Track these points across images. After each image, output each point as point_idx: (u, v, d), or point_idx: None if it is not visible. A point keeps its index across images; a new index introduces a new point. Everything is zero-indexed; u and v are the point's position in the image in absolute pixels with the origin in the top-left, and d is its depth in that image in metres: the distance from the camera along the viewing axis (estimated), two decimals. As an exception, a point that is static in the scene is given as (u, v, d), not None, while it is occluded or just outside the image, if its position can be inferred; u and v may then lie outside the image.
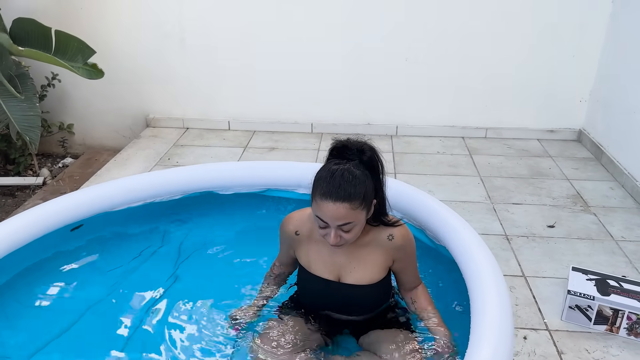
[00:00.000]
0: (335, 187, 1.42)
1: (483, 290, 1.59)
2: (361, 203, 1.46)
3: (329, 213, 1.44)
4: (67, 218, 2.08)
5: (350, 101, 3.97)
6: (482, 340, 1.40)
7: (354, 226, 1.48)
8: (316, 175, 1.51)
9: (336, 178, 1.43)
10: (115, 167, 3.49)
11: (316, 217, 1.48)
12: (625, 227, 2.76)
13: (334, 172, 1.45)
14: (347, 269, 1.64)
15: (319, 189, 1.46)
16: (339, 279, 1.65)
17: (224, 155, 3.68)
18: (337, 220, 1.45)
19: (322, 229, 1.50)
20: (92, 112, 4.13)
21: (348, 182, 1.43)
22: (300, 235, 1.69)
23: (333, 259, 1.64)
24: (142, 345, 1.80)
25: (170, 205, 2.34)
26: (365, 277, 1.63)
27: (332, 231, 1.47)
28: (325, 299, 1.70)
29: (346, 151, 1.52)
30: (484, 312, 1.50)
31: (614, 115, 3.44)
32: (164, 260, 2.24)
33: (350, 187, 1.43)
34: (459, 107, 3.92)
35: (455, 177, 3.34)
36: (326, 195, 1.43)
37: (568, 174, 3.38)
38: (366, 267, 1.63)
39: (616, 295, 2.04)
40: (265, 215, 2.49)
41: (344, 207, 1.43)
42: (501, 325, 1.46)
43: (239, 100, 4.06)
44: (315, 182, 1.49)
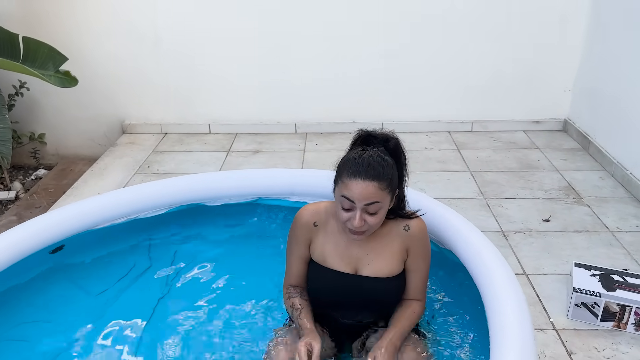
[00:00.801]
0: (365, 165, 1.43)
1: (498, 293, 1.53)
2: (388, 185, 1.46)
3: (357, 191, 1.42)
4: (45, 239, 1.94)
5: (333, 99, 3.88)
6: (506, 343, 1.35)
7: (379, 208, 1.46)
8: (341, 160, 1.51)
9: (365, 158, 1.45)
10: (92, 177, 3.34)
11: (342, 197, 1.45)
12: (619, 218, 2.74)
13: (362, 153, 1.46)
14: (364, 261, 1.60)
15: (347, 169, 1.45)
16: (356, 272, 1.61)
17: (206, 160, 3.55)
18: (365, 199, 1.43)
19: (346, 211, 1.47)
20: (65, 120, 3.95)
21: (377, 162, 1.44)
22: (318, 226, 1.63)
23: (350, 252, 1.60)
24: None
25: (157, 220, 2.22)
26: (383, 269, 1.59)
27: (357, 213, 1.44)
28: (342, 294, 1.61)
29: (371, 139, 1.54)
30: (502, 315, 1.45)
31: (600, 104, 3.43)
32: (153, 278, 2.13)
33: (380, 167, 1.44)
34: (443, 101, 3.87)
35: (445, 173, 3.29)
36: (355, 174, 1.43)
37: (557, 165, 3.36)
38: (384, 259, 1.59)
39: (622, 291, 2.00)
40: (256, 223, 2.40)
41: (373, 185, 1.42)
42: (522, 327, 1.40)
43: (219, 102, 3.94)
44: (341, 165, 1.49)
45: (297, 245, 1.67)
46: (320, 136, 3.88)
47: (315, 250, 1.64)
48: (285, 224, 2.35)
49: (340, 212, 1.48)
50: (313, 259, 1.66)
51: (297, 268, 1.69)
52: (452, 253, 1.89)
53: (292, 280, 1.71)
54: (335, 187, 1.50)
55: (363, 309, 1.64)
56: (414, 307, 1.63)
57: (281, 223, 2.36)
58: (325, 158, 3.52)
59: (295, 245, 1.67)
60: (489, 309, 1.53)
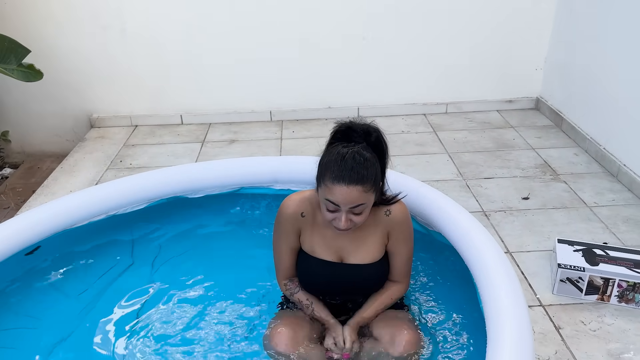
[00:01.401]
0: (348, 170, 1.40)
1: (490, 274, 1.53)
2: (372, 185, 1.44)
3: (341, 196, 1.41)
4: (19, 242, 1.85)
5: (308, 85, 3.82)
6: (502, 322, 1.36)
7: (364, 208, 1.46)
8: (322, 159, 1.47)
9: (347, 161, 1.41)
10: (62, 174, 3.22)
11: (326, 201, 1.44)
12: (596, 193, 2.79)
13: (344, 155, 1.42)
14: (349, 249, 1.62)
15: (330, 172, 1.42)
16: (341, 261, 1.63)
17: (181, 152, 3.47)
18: (350, 203, 1.42)
19: (331, 212, 1.46)
20: (29, 116, 3.79)
21: (360, 164, 1.41)
22: (305, 217, 1.62)
23: (335, 242, 1.62)
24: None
25: (137, 216, 2.14)
26: (367, 256, 1.62)
27: (342, 215, 1.44)
28: (330, 282, 1.65)
29: (351, 134, 1.48)
30: (496, 297, 1.45)
31: (571, 81, 3.48)
32: (136, 275, 2.06)
33: (363, 170, 1.41)
34: (418, 84, 3.87)
35: (424, 155, 3.29)
36: (339, 179, 1.40)
37: (532, 143, 3.40)
38: (367, 247, 1.61)
39: (605, 264, 2.04)
40: (240, 213, 2.35)
41: (357, 190, 1.41)
42: (517, 305, 1.41)
43: (190, 92, 3.84)
44: (323, 166, 1.46)
45: (286, 237, 1.64)
46: (296, 123, 3.83)
47: (305, 241, 1.65)
48: (270, 212, 2.32)
49: (325, 212, 1.47)
50: (303, 249, 1.66)
51: (289, 260, 1.68)
52: (440, 235, 1.88)
53: (285, 273, 1.70)
54: (318, 188, 1.48)
55: (349, 294, 1.69)
56: (392, 290, 1.67)
57: (265, 211, 2.32)
58: (303, 145, 3.48)
59: (284, 238, 1.65)
60: (482, 289, 1.54)
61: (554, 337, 1.89)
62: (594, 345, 1.84)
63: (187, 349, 1.72)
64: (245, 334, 1.77)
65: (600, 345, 1.84)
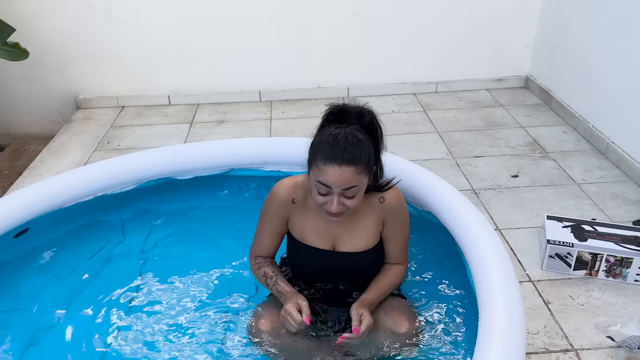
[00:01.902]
0: (340, 150, 1.36)
1: (481, 251, 1.54)
2: (365, 167, 1.40)
3: (333, 177, 1.37)
4: (7, 223, 1.83)
5: (298, 65, 3.78)
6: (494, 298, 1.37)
7: (357, 191, 1.42)
8: (314, 141, 1.43)
9: (340, 141, 1.37)
10: (49, 156, 3.17)
11: (318, 183, 1.40)
12: (584, 170, 2.82)
13: (336, 135, 1.38)
14: (342, 237, 1.58)
15: (321, 153, 1.38)
16: (334, 248, 1.59)
17: (169, 133, 3.43)
18: (343, 184, 1.38)
19: (322, 196, 1.42)
20: (13, 97, 3.72)
21: (353, 144, 1.37)
22: (296, 203, 1.58)
23: (327, 229, 1.57)
24: (118, 356, 1.63)
25: (125, 197, 2.13)
26: (360, 243, 1.58)
27: (334, 198, 1.40)
28: (321, 269, 1.62)
29: (344, 115, 1.45)
30: (488, 274, 1.46)
31: (561, 59, 3.48)
32: (126, 255, 2.06)
33: (356, 150, 1.37)
34: (408, 63, 3.85)
35: (414, 135, 3.29)
36: (331, 159, 1.36)
37: (521, 122, 3.41)
38: (361, 234, 1.57)
39: (593, 240, 2.07)
40: (229, 195, 2.34)
41: (350, 170, 1.37)
42: (507, 280, 1.43)
43: (177, 72, 3.78)
44: (314, 147, 1.41)
45: (272, 221, 1.61)
46: (285, 103, 3.80)
47: (295, 228, 1.61)
48: (260, 194, 2.32)
49: (317, 196, 1.43)
50: (293, 236, 1.63)
51: (269, 242, 1.65)
52: (430, 214, 1.89)
53: (260, 251, 1.66)
54: (309, 170, 1.44)
55: (343, 281, 1.66)
56: (394, 271, 1.63)
57: (255, 193, 2.31)
58: (293, 125, 3.46)
59: (269, 221, 1.62)
60: (473, 266, 1.55)
61: (542, 311, 1.91)
62: (582, 318, 1.87)
63: (178, 327, 1.72)
64: (232, 317, 1.76)
65: (588, 318, 1.87)
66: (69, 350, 1.66)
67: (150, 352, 1.64)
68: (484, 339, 1.28)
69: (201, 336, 1.69)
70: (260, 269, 1.63)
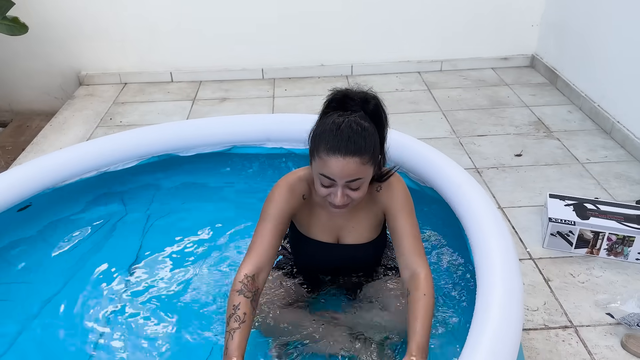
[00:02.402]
0: (344, 140, 1.28)
1: (481, 226, 1.53)
2: (370, 157, 1.32)
3: (337, 169, 1.29)
4: (11, 198, 1.83)
5: (301, 43, 3.75)
6: (492, 273, 1.37)
7: (362, 183, 1.34)
8: (316, 130, 1.35)
9: (344, 130, 1.28)
10: (52, 132, 3.17)
11: (321, 175, 1.32)
12: (588, 150, 2.80)
13: (339, 124, 1.30)
14: (346, 229, 1.53)
15: (324, 143, 1.30)
16: (338, 241, 1.56)
17: (171, 110, 3.42)
18: (347, 176, 1.30)
19: (325, 188, 1.34)
20: (16, 73, 3.71)
21: (357, 134, 1.29)
22: (306, 199, 1.49)
23: (332, 222, 1.52)
24: (120, 328, 1.65)
25: (127, 173, 2.12)
26: (363, 235, 1.54)
27: (338, 190, 1.32)
28: (324, 262, 1.61)
29: (348, 102, 1.35)
30: (487, 249, 1.46)
31: (568, 38, 3.43)
32: (128, 231, 2.06)
33: (361, 140, 1.29)
34: (412, 42, 3.80)
35: (418, 113, 3.27)
36: (334, 150, 1.28)
37: (526, 101, 3.38)
38: (363, 225, 1.53)
39: (595, 218, 2.06)
40: (231, 172, 2.33)
41: (354, 161, 1.29)
42: (507, 255, 1.43)
43: (180, 48, 3.76)
44: (316, 136, 1.33)
45: (278, 219, 1.44)
46: (288, 81, 3.77)
47: (301, 222, 1.54)
48: (261, 172, 2.31)
49: (320, 188, 1.35)
50: (298, 230, 1.56)
51: (272, 247, 1.43)
52: (432, 190, 1.89)
53: (258, 261, 1.40)
54: (312, 161, 1.36)
55: (344, 272, 1.66)
56: (421, 286, 1.37)
57: (257, 170, 2.31)
58: (296, 103, 3.44)
59: (276, 219, 1.43)
60: (473, 241, 1.55)
61: (543, 289, 1.92)
62: (582, 296, 1.88)
63: (177, 301, 1.73)
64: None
65: (588, 296, 1.88)
66: (71, 322, 1.67)
67: (149, 323, 1.66)
68: (481, 313, 1.28)
69: (197, 311, 1.70)
70: (239, 296, 1.33)
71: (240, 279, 1.36)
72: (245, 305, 1.33)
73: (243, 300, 1.33)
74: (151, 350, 1.57)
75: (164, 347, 1.59)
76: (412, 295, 1.37)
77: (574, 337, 1.72)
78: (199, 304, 1.73)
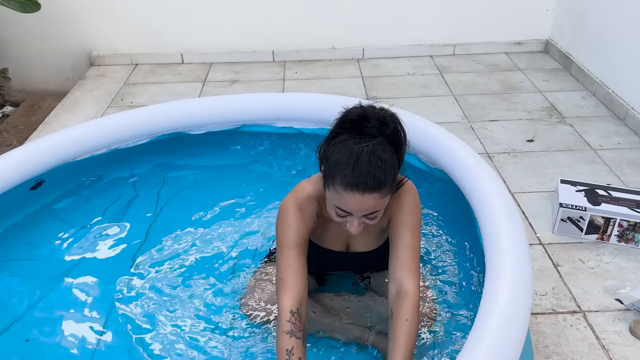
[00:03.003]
0: (364, 175, 1.18)
1: (493, 209, 1.52)
2: (390, 188, 1.25)
3: (354, 205, 1.23)
4: (24, 174, 1.85)
5: (312, 25, 3.72)
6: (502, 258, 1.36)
7: (379, 213, 1.29)
8: (331, 155, 1.23)
9: (362, 164, 1.18)
10: (64, 112, 3.19)
11: (336, 207, 1.26)
12: (601, 136, 2.77)
13: (357, 156, 1.19)
14: (355, 238, 1.52)
15: (340, 176, 1.20)
16: (347, 249, 1.56)
17: (182, 92, 3.42)
18: (365, 210, 1.24)
19: (341, 217, 1.29)
20: (28, 53, 3.72)
21: (377, 168, 1.19)
22: (320, 216, 1.42)
23: (341, 233, 1.49)
24: (128, 307, 1.67)
25: (138, 151, 2.13)
26: (372, 242, 1.53)
27: (355, 221, 1.27)
28: (334, 267, 1.64)
29: (364, 123, 1.23)
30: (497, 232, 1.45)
31: (583, 23, 3.37)
32: (139, 208, 2.07)
33: (380, 174, 1.19)
34: (425, 25, 3.76)
35: (429, 98, 3.25)
36: (352, 186, 1.20)
37: (540, 86, 3.34)
38: (372, 234, 1.52)
39: (607, 204, 2.05)
40: (241, 151, 2.33)
41: (373, 197, 1.21)
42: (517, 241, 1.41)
43: (191, 30, 3.74)
44: (332, 166, 1.22)
45: (300, 242, 1.36)
46: (299, 64, 3.75)
47: (314, 234, 1.49)
48: (272, 150, 2.31)
49: (335, 216, 1.29)
50: (310, 239, 1.47)
51: (301, 270, 1.34)
52: (442, 172, 1.88)
53: (297, 293, 1.30)
54: (325, 187, 1.27)
55: (354, 273, 1.68)
56: (404, 311, 1.29)
57: (267, 149, 2.31)
58: (306, 86, 3.42)
59: (296, 244, 1.35)
60: (482, 223, 1.54)
61: (552, 274, 1.91)
62: (591, 281, 1.87)
63: (187, 282, 1.74)
64: (240, 274, 1.78)
65: (597, 281, 1.87)
66: (80, 300, 1.69)
67: (155, 303, 1.67)
68: (490, 296, 1.28)
69: (203, 294, 1.70)
70: (290, 339, 1.25)
71: (287, 317, 1.26)
72: (299, 349, 1.25)
73: (295, 342, 1.25)
74: (158, 329, 1.59)
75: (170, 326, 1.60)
76: (395, 320, 1.30)
77: (582, 322, 1.71)
78: (204, 286, 1.73)
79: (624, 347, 1.62)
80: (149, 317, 1.62)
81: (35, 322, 1.62)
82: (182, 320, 1.61)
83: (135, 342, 1.54)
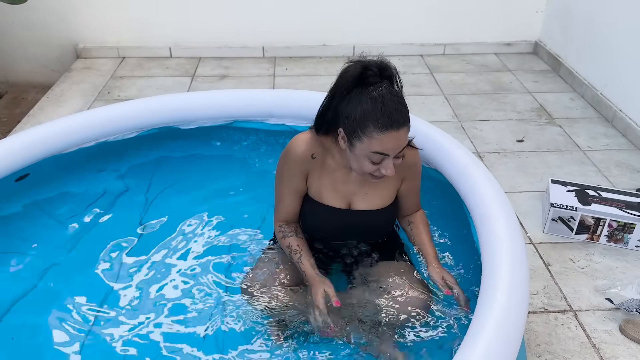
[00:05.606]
0: (394, 113, 1.29)
1: (487, 207, 1.52)
2: None
3: (394, 143, 1.31)
4: (8, 166, 1.80)
5: (303, 21, 3.70)
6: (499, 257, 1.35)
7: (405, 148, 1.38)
8: (355, 112, 1.31)
9: (388, 104, 1.28)
10: (49, 105, 3.12)
11: (372, 153, 1.32)
12: (590, 137, 2.79)
13: (381, 100, 1.28)
14: (359, 195, 1.53)
15: (373, 122, 1.29)
16: (349, 206, 1.55)
17: (170, 86, 3.38)
18: (400, 147, 1.33)
19: (374, 164, 1.35)
20: (12, 44, 3.64)
21: (400, 103, 1.31)
22: (315, 158, 1.49)
23: (346, 187, 1.52)
24: (118, 301, 1.64)
25: (127, 144, 2.09)
26: (376, 201, 1.54)
27: (390, 162, 1.34)
28: (336, 228, 1.59)
29: (367, 73, 1.33)
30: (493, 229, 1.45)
31: (572, 26, 3.40)
32: (128, 202, 2.04)
33: (404, 108, 1.32)
34: (416, 24, 3.77)
35: (420, 97, 3.25)
36: (387, 126, 1.29)
37: (529, 87, 3.36)
38: (378, 192, 1.53)
39: (597, 205, 2.06)
40: (233, 147, 2.30)
41: (404, 131, 1.32)
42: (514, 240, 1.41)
43: (179, 23, 3.70)
44: (359, 119, 1.30)
45: (292, 179, 1.51)
46: (289, 60, 3.73)
47: (312, 185, 1.53)
48: (263, 147, 2.29)
49: (368, 165, 1.36)
50: (309, 195, 1.55)
51: (291, 204, 1.55)
52: (437, 172, 1.87)
53: (284, 216, 1.56)
54: (353, 143, 1.34)
55: (354, 238, 1.64)
56: (424, 219, 1.64)
57: (258, 145, 2.28)
58: (297, 83, 3.40)
59: (289, 179, 1.51)
60: (479, 224, 1.53)
61: (542, 273, 1.92)
62: (581, 281, 1.88)
63: (176, 275, 1.72)
64: (235, 266, 1.75)
65: (587, 281, 1.88)
66: (67, 294, 1.65)
67: (147, 297, 1.64)
68: (487, 295, 1.28)
69: (199, 287, 1.68)
70: (285, 239, 1.54)
71: (277, 230, 1.56)
72: (295, 240, 1.53)
73: (290, 239, 1.53)
74: (149, 322, 1.56)
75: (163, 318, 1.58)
76: (417, 226, 1.61)
77: (573, 321, 1.72)
78: (199, 278, 1.71)
79: (614, 346, 1.64)
80: (140, 310, 1.59)
81: (22, 317, 1.58)
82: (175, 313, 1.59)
83: (124, 337, 1.51)
